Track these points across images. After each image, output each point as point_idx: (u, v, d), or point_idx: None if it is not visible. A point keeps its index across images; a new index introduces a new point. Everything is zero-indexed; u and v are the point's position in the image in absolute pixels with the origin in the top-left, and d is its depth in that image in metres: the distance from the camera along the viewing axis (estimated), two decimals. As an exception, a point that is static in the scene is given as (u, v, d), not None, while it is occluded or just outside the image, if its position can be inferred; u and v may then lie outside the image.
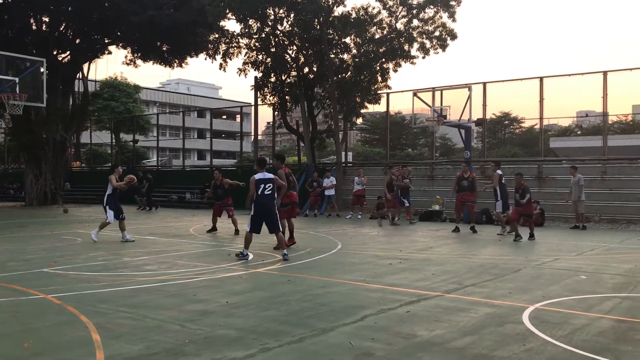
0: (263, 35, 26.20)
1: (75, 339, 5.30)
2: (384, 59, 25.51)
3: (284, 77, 27.26)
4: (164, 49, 29.97)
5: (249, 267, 9.55)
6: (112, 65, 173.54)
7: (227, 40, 26.98)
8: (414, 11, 24.54)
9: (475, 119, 20.98)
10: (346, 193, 23.80)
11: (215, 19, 24.82)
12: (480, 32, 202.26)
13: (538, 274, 9.06)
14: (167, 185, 30.77)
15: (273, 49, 26.49)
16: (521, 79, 23.19)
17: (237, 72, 27.57)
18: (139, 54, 30.51)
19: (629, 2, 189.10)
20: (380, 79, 25.94)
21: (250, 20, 25.62)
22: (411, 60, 25.47)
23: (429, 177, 23.13)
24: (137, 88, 45.92)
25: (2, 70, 19.73)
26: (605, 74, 20.45)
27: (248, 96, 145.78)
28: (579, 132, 45.18)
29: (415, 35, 24.92)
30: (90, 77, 32.50)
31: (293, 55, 26.86)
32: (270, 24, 25.69)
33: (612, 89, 20.46)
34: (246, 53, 27.08)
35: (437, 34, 24.76)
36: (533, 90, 21.81)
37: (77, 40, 29.57)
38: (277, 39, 26.35)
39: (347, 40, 26.17)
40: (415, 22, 24.81)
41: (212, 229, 15.26)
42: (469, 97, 19.76)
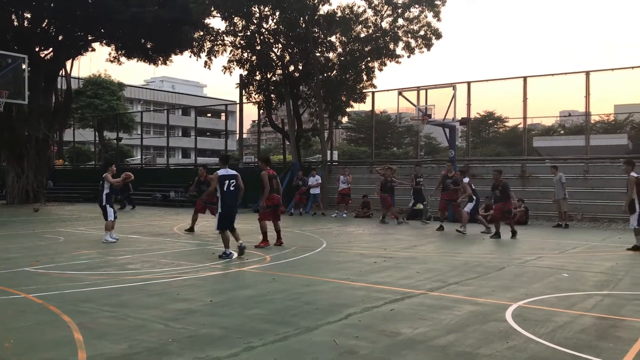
0: (248, 33, 26.09)
1: (56, 338, 5.25)
2: (369, 58, 25.53)
3: (269, 76, 27.17)
4: (148, 46, 29.74)
5: (233, 266, 9.52)
6: (95, 62, 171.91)
7: (212, 38, 26.83)
8: (399, 10, 24.57)
9: (460, 118, 21.11)
10: (332, 192, 23.80)
11: (199, 16, 24.70)
12: (465, 31, 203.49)
13: (521, 272, 9.14)
14: (151, 183, 30.56)
15: (258, 47, 26.40)
16: (505, 78, 23.48)
17: (222, 70, 27.46)
18: (123, 52, 30.25)
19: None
20: (365, 77, 25.94)
21: (236, 18, 25.49)
22: (396, 60, 25.51)
23: (414, 176, 23.17)
24: (121, 86, 45.56)
25: (-18, 66, 19.48)
26: (587, 74, 20.66)
27: (233, 94, 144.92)
28: (562, 132, 45.66)
29: (400, 34, 24.97)
30: (73, 74, 32.10)
31: (278, 54, 26.79)
32: (255, 21, 25.60)
33: (594, 89, 20.72)
34: (231, 51, 26.96)
35: (422, 33, 24.82)
36: (517, 90, 22.01)
37: (60, 37, 29.22)
38: (262, 37, 26.26)
39: (333, 38, 26.16)
40: (401, 21, 24.86)
41: (190, 229, 14.82)
42: (454, 96, 19.87)
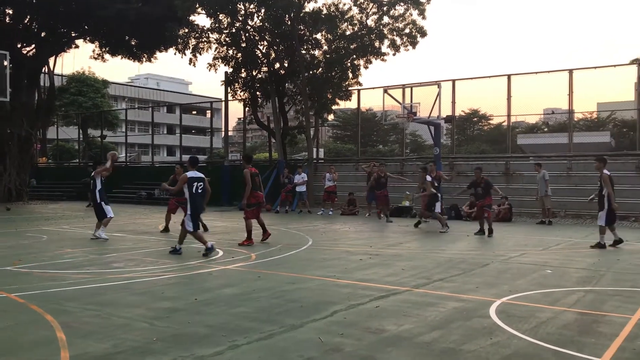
0: (233, 31, 25.99)
1: (39, 338, 5.19)
2: (354, 56, 25.56)
3: (254, 73, 27.09)
4: (133, 43, 29.48)
5: (218, 264, 9.48)
6: (79, 59, 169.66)
7: (197, 35, 26.70)
8: (385, 8, 24.63)
9: (445, 116, 21.22)
10: (317, 189, 23.82)
11: (184, 13, 24.52)
12: (450, 30, 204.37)
13: (505, 268, 9.21)
14: (136, 181, 30.35)
15: (243, 45, 26.31)
16: (489, 76, 23.53)
17: (207, 68, 27.31)
18: (107, 48, 29.95)
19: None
20: (351, 75, 25.98)
21: (221, 15, 25.37)
22: (382, 57, 25.58)
23: (399, 173, 23.27)
24: (105, 83, 45.17)
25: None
26: (570, 72, 20.86)
27: (218, 92, 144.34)
28: (546, 129, 46.11)
29: (385, 32, 25.04)
30: (56, 71, 31.81)
31: (264, 51, 26.73)
32: (240, 19, 25.50)
33: (577, 87, 20.93)
34: (216, 48, 26.86)
35: (407, 31, 24.91)
36: (501, 87, 22.15)
37: (43, 34, 28.86)
38: (247, 35, 26.18)
39: (318, 36, 26.16)
40: (386, 19, 24.94)
41: (165, 229, 14.56)
42: (438, 94, 19.97)
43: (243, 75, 27.21)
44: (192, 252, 10.87)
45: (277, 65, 26.92)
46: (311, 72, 26.04)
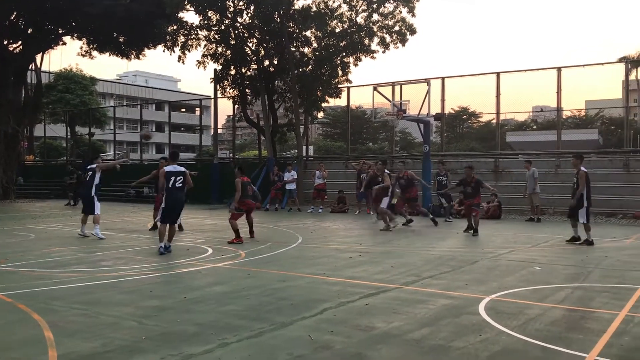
0: (222, 28, 25.90)
1: (26, 337, 5.15)
2: (344, 53, 25.55)
3: (244, 70, 27.01)
4: (121, 40, 29.26)
5: (207, 262, 9.45)
6: (66, 56, 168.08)
7: (186, 32, 26.58)
8: (374, 5, 24.64)
9: (434, 114, 21.22)
10: (307, 187, 23.80)
11: (173, 10, 24.39)
12: (439, 28, 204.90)
13: (494, 265, 9.25)
14: (125, 179, 30.12)
15: (233, 42, 26.23)
16: (478, 74, 23.56)
17: (196, 65, 27.23)
18: (95, 45, 29.70)
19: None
20: (340, 72, 25.97)
21: (210, 11, 25.28)
22: (371, 55, 25.58)
23: (389, 171, 23.26)
24: (93, 80, 44.76)
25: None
26: (559, 70, 20.99)
27: (208, 89, 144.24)
28: (535, 127, 46.33)
29: (375, 29, 25.04)
30: (43, 68, 31.52)
31: (253, 48, 26.65)
32: (229, 16, 25.41)
33: (566, 85, 21.07)
34: (205, 45, 26.74)
35: (396, 28, 24.93)
36: (490, 85, 22.24)
37: (29, 30, 28.58)
38: (237, 32, 26.09)
39: (308, 33, 26.10)
40: (376, 17, 24.94)
41: (154, 227, 14.30)
42: (428, 91, 19.97)
43: (232, 72, 27.13)
44: (181, 250, 10.82)
45: (267, 63, 26.86)
46: (301, 70, 26.00)
